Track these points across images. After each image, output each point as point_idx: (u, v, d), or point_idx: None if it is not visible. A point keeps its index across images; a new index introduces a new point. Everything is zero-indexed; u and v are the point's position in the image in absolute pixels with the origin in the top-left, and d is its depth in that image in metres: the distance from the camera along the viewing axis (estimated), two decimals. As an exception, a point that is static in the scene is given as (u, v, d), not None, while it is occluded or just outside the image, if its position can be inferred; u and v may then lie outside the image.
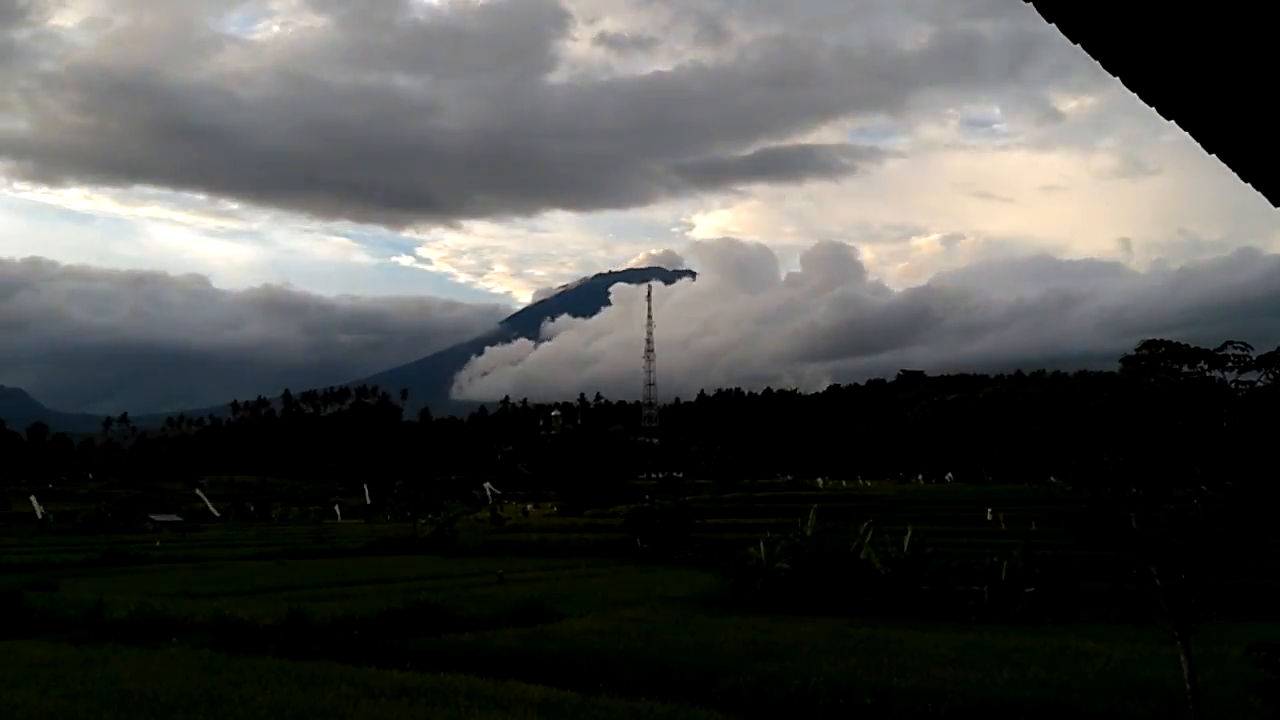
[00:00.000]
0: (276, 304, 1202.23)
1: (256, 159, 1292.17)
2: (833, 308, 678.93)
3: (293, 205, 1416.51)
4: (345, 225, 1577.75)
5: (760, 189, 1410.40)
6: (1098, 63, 4.17)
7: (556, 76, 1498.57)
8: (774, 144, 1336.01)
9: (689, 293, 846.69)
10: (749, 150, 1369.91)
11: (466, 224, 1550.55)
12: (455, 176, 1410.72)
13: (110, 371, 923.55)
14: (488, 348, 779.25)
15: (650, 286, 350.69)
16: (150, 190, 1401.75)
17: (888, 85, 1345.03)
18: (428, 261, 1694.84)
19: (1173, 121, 4.61)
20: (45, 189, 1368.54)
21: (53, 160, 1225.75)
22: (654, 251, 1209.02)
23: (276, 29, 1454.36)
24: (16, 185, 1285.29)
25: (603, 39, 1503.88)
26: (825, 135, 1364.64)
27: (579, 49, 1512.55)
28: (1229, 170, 5.04)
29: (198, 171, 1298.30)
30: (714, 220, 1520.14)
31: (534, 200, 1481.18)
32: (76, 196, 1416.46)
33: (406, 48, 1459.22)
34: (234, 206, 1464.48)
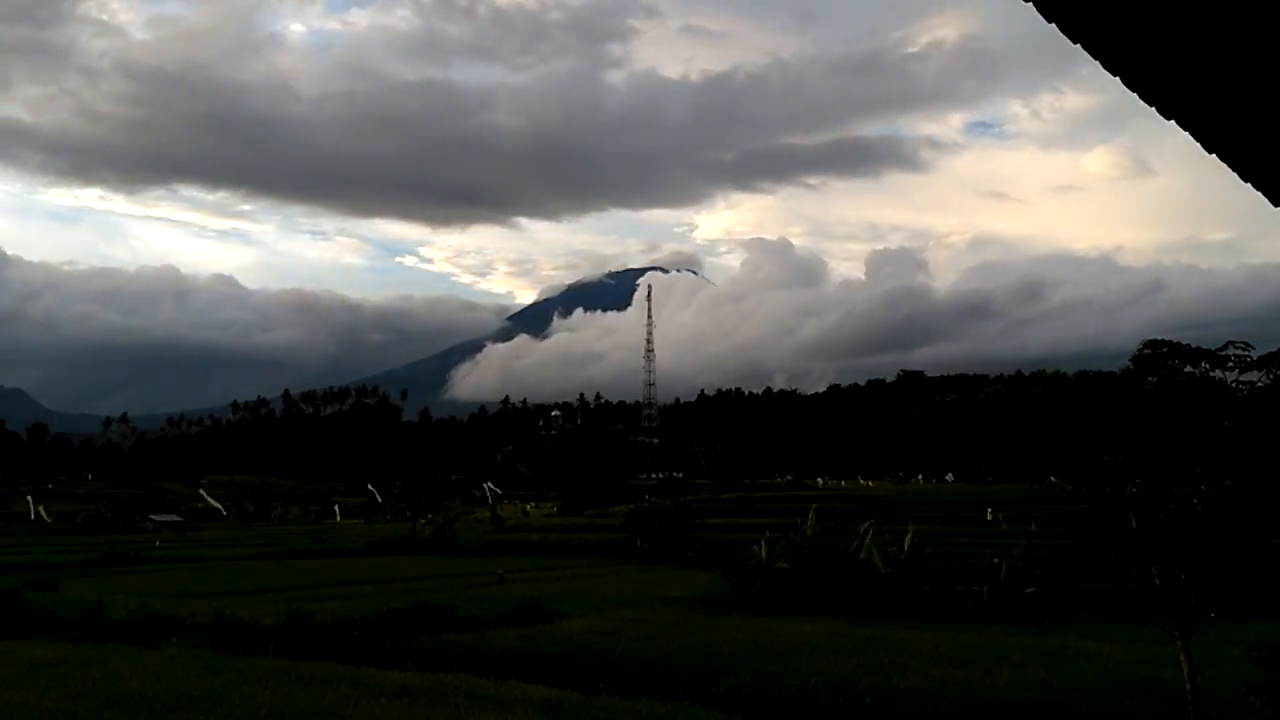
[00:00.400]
0: (280, 304, 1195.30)
1: (303, 155, 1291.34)
2: (886, 303, 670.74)
3: (329, 203, 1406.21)
4: (375, 223, 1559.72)
5: (831, 183, 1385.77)
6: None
7: (631, 69, 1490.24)
8: (852, 136, 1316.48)
9: (709, 292, 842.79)
10: (821, 141, 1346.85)
11: (520, 220, 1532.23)
12: (511, 172, 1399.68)
13: (121, 372, 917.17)
14: (492, 345, 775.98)
15: (650, 286, 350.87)
16: (187, 188, 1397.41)
17: (976, 79, 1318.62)
18: (430, 261, 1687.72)
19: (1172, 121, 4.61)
20: (78, 188, 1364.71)
21: (93, 158, 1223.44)
22: (664, 252, 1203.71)
23: (349, 17, 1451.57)
24: (49, 182, 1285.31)
25: (688, 30, 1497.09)
26: (902, 128, 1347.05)
27: (662, 39, 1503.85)
28: None
29: (238, 168, 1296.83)
30: (718, 221, 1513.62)
31: (588, 197, 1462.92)
32: (108, 195, 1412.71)
33: (482, 37, 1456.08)
34: (247, 207, 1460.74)
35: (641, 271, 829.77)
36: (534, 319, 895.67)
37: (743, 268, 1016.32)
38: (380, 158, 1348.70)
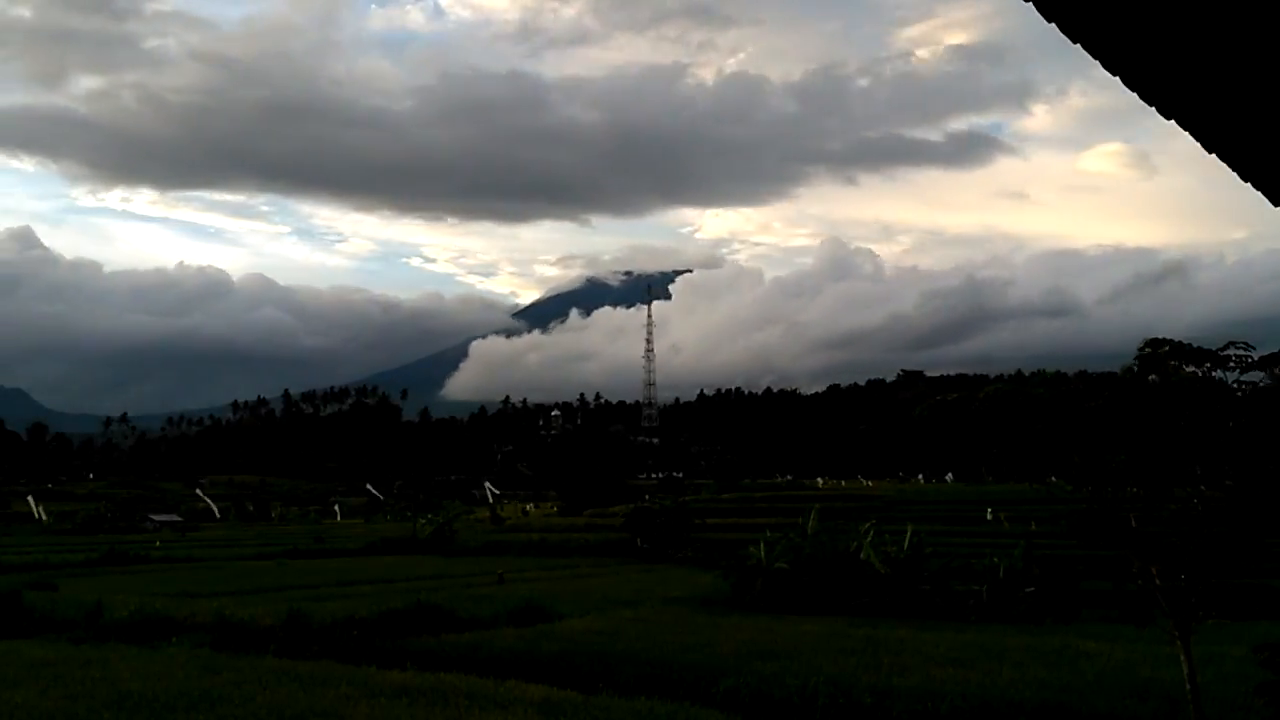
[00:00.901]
0: (295, 302, 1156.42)
1: (371, 151, 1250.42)
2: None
3: (377, 202, 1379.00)
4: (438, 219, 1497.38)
5: (942, 175, 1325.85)
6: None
7: (744, 56, 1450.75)
8: (965, 128, 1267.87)
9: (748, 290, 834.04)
10: (938, 133, 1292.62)
11: (589, 217, 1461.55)
12: (588, 166, 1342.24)
13: (124, 372, 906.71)
14: (494, 343, 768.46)
15: (650, 290, 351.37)
16: (240, 184, 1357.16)
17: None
18: (433, 260, 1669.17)
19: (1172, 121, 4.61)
20: (123, 186, 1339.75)
21: (145, 152, 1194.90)
22: (689, 253, 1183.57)
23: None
24: (91, 177, 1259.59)
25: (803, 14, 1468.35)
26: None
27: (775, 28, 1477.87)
28: None
29: (290, 164, 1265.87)
30: (722, 223, 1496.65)
31: (666, 193, 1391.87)
32: (139, 193, 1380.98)
33: (596, 19, 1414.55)
34: (266, 207, 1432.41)
35: (667, 271, 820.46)
36: (545, 316, 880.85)
37: (815, 262, 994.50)
38: (449, 153, 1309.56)
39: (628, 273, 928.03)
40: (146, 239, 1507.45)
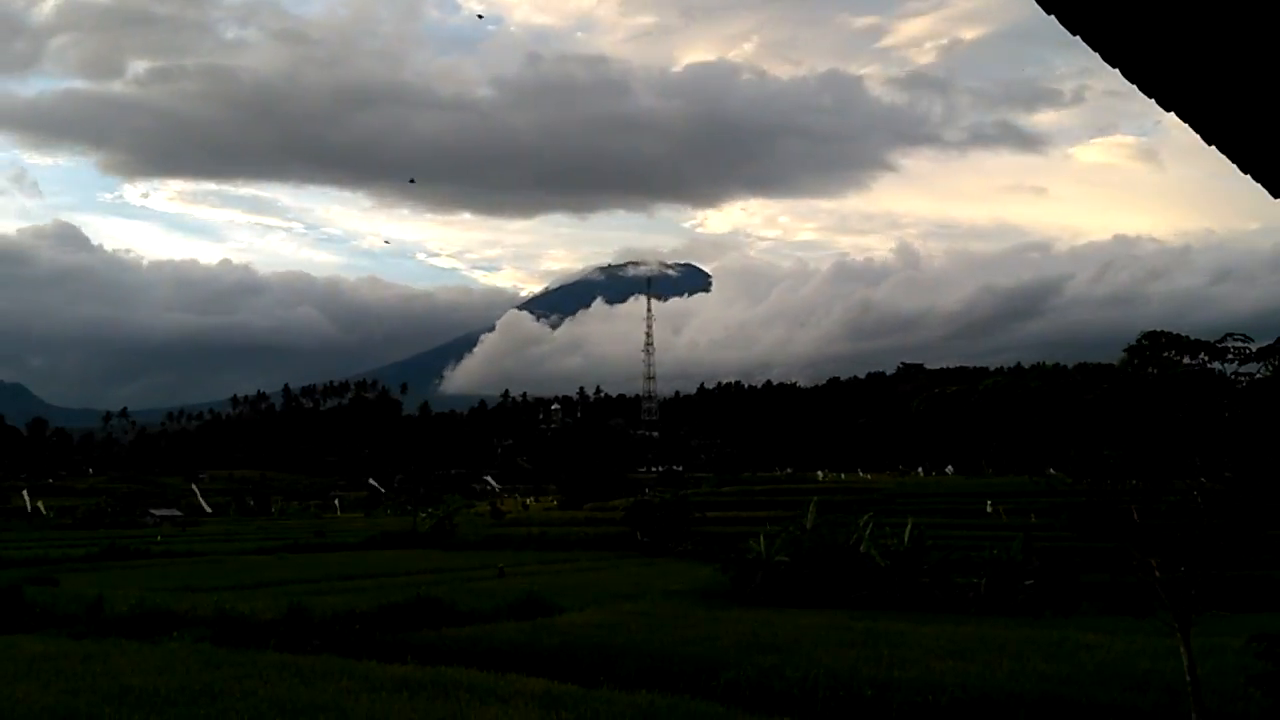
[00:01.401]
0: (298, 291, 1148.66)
1: (437, 144, 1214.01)
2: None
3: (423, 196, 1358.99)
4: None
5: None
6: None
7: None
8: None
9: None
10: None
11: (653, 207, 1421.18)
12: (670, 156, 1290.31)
13: (134, 367, 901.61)
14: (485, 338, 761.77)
15: (650, 282, 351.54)
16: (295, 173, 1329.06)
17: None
18: (437, 255, 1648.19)
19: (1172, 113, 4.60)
20: (161, 177, 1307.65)
21: (191, 142, 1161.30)
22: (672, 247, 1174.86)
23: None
24: (130, 166, 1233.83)
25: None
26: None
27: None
28: None
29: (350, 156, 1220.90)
30: (726, 219, 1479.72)
31: (737, 184, 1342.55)
32: (160, 188, 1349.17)
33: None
34: (293, 203, 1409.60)
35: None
36: (579, 305, 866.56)
37: (894, 257, 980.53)
38: (524, 141, 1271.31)
39: (685, 264, 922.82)
40: (155, 236, 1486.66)
